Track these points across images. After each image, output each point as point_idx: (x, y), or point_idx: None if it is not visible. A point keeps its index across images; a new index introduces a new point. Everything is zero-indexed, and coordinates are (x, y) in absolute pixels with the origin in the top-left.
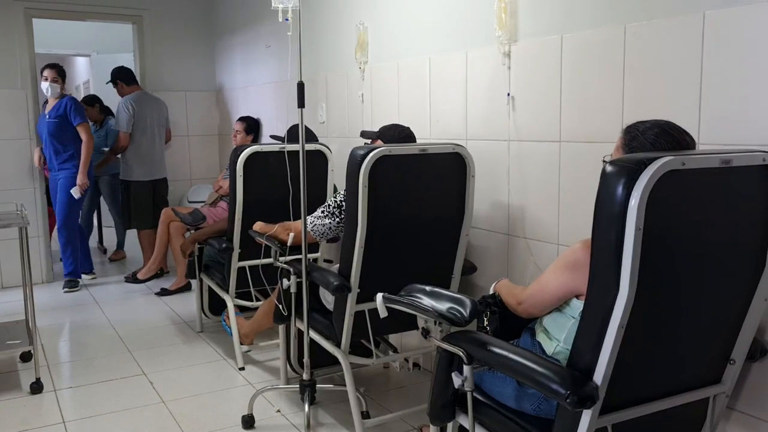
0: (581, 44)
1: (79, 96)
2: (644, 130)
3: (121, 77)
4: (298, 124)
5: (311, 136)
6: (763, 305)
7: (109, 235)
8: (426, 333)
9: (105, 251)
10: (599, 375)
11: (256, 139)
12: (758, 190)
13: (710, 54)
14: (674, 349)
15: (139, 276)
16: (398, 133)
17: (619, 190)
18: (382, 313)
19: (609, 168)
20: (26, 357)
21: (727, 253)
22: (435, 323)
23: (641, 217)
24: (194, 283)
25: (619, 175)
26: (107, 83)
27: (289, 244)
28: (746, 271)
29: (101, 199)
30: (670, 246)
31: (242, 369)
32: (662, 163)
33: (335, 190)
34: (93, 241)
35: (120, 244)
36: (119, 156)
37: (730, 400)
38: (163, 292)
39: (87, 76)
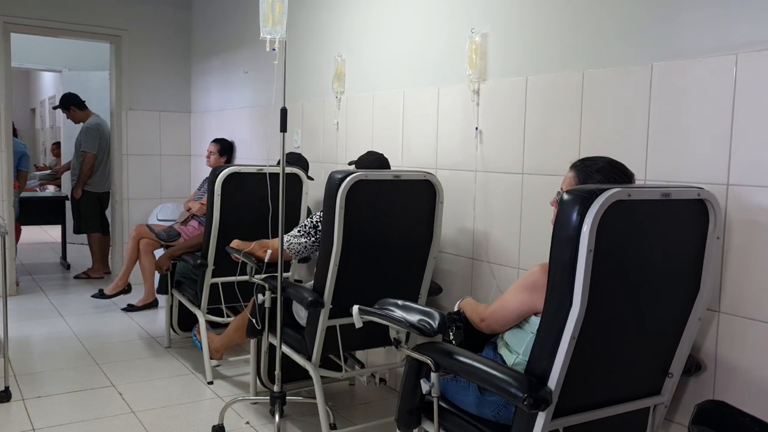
0: (544, 86)
1: (45, 110)
2: (598, 169)
3: (75, 103)
4: (292, 152)
5: (305, 162)
6: (698, 324)
7: (73, 250)
8: (397, 343)
9: (68, 267)
10: (553, 381)
11: (229, 161)
12: (693, 221)
13: (657, 100)
14: (620, 360)
15: (106, 292)
16: (373, 159)
17: (574, 216)
18: (358, 324)
19: (566, 196)
20: None
21: (667, 276)
22: (406, 335)
23: (592, 240)
24: (164, 298)
25: (574, 203)
26: (55, 108)
27: (266, 261)
28: (683, 293)
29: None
30: (618, 267)
31: (211, 383)
32: (611, 193)
33: (309, 212)
34: (56, 256)
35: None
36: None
37: (669, 412)
38: (130, 308)
39: (54, 91)
